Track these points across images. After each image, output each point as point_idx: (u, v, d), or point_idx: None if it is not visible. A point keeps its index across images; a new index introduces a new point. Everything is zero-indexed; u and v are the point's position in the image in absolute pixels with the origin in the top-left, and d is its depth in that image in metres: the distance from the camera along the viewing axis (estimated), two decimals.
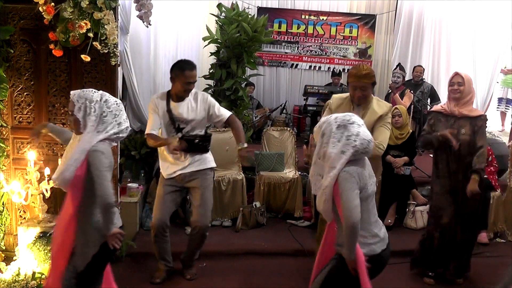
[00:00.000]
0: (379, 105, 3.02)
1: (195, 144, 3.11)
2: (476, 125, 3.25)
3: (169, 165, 3.19)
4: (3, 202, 3.49)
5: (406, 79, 6.87)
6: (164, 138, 3.10)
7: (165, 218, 3.18)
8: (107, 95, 2.27)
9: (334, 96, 3.23)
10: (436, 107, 3.52)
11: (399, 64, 6.75)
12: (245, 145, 3.10)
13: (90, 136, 2.19)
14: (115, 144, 2.31)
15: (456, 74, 3.32)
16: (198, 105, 3.15)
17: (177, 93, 3.11)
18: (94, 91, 2.26)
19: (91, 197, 2.21)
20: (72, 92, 2.26)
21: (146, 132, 3.12)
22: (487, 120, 3.33)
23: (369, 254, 2.17)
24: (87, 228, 2.22)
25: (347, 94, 3.15)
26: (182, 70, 3.04)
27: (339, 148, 2.12)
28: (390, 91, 6.35)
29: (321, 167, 2.23)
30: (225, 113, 3.22)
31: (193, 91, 3.18)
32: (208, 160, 3.25)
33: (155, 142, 3.07)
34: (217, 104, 3.24)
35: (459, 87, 3.26)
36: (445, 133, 3.19)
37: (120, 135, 2.27)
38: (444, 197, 3.36)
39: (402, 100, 6.01)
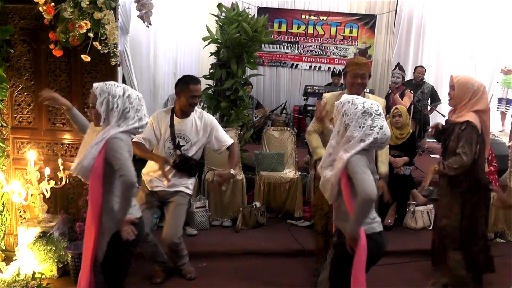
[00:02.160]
0: (374, 99, 3.08)
1: (188, 166, 3.14)
2: (460, 129, 2.94)
3: (155, 179, 3.18)
4: (3, 202, 3.49)
5: (407, 79, 6.87)
6: (157, 155, 3.05)
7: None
8: (129, 90, 2.27)
9: (327, 95, 3.20)
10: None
11: (398, 64, 6.76)
12: (233, 172, 3.12)
13: (112, 129, 2.21)
14: (133, 136, 2.35)
15: (451, 78, 3.06)
16: (201, 125, 3.18)
17: (182, 108, 3.13)
18: (117, 85, 2.24)
19: (109, 187, 2.22)
20: (94, 85, 2.25)
21: (133, 140, 3.08)
22: (473, 126, 2.90)
23: (369, 232, 2.16)
24: (104, 217, 2.22)
25: (339, 91, 3.20)
26: (187, 84, 3.08)
27: (360, 135, 2.10)
28: (390, 91, 6.35)
29: (335, 146, 2.21)
30: (227, 141, 3.24)
31: (199, 110, 3.22)
32: (190, 185, 3.26)
33: (144, 153, 3.03)
34: (221, 129, 3.26)
35: (451, 91, 3.03)
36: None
37: (140, 130, 2.29)
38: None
39: (402, 100, 6.01)
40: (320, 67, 8.81)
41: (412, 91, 6.16)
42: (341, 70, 8.38)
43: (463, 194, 3.02)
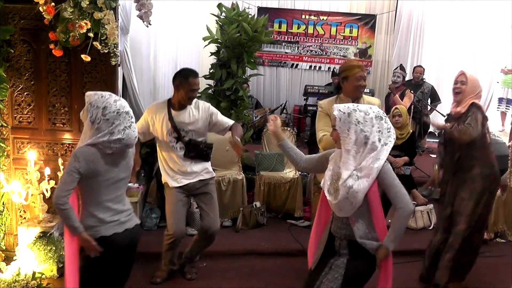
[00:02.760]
0: (369, 100, 3.08)
1: (200, 149, 3.13)
2: (466, 115, 3.13)
3: (175, 176, 3.15)
4: (3, 202, 3.49)
5: (406, 79, 6.87)
6: (137, 157, 3.09)
7: (183, 227, 3.21)
8: (110, 102, 2.16)
9: (322, 102, 3.11)
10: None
11: (400, 65, 6.76)
12: (238, 139, 3.01)
13: (82, 138, 2.22)
14: (110, 151, 2.17)
15: (461, 73, 3.23)
16: (199, 114, 3.16)
17: (180, 101, 3.09)
18: (103, 96, 2.18)
19: (82, 201, 2.25)
20: (87, 92, 2.25)
21: None
22: (478, 106, 3.13)
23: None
24: None
25: (333, 97, 3.12)
26: (186, 77, 3.04)
27: (383, 139, 2.13)
28: (390, 91, 6.35)
29: (357, 156, 2.12)
30: (229, 121, 3.24)
31: (194, 100, 3.18)
32: (209, 167, 3.28)
33: None
34: (219, 112, 3.25)
35: (462, 85, 3.18)
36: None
37: (112, 145, 2.15)
38: (442, 200, 3.41)
39: (402, 100, 6.02)
40: (320, 67, 8.82)
41: (412, 91, 6.17)
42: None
43: (474, 180, 3.18)
